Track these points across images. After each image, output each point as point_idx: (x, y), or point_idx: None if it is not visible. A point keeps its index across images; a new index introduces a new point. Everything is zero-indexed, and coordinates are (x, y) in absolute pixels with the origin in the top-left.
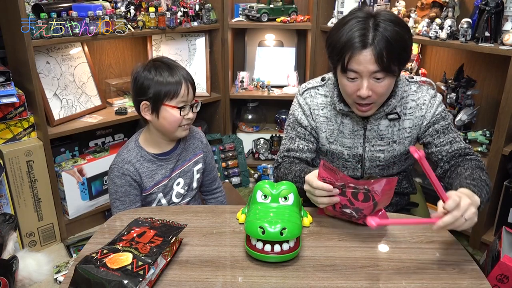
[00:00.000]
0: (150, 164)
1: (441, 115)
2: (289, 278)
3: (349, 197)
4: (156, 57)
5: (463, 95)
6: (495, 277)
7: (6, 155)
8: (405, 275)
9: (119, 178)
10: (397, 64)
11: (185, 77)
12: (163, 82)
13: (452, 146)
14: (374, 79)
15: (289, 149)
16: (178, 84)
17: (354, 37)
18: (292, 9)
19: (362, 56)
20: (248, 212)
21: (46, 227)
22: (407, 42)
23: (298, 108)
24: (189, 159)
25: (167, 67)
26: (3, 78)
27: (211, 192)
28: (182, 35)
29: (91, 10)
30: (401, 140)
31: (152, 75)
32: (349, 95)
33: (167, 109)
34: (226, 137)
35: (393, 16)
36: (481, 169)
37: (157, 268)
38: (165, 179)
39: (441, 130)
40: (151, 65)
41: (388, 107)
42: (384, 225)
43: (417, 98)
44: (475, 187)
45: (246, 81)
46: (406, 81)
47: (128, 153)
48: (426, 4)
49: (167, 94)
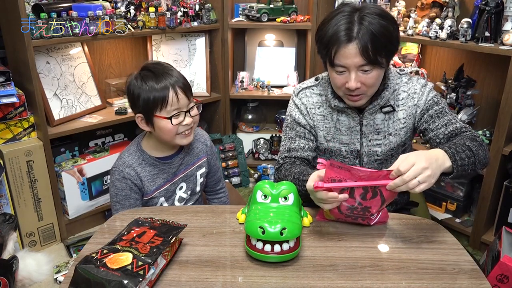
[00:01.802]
0: (151, 168)
1: (433, 100)
2: (289, 278)
3: (357, 199)
4: (146, 63)
5: (463, 95)
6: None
7: (6, 155)
8: (405, 275)
9: (119, 181)
10: (384, 56)
11: (172, 83)
12: (149, 94)
13: (447, 128)
14: (361, 71)
15: (289, 149)
16: (164, 93)
17: (339, 31)
18: (292, 9)
19: (348, 49)
20: (248, 212)
21: (46, 227)
22: (392, 34)
23: (295, 108)
24: (192, 163)
25: (152, 76)
26: (3, 78)
27: (214, 192)
28: (182, 35)
29: (91, 10)
30: (397, 131)
31: (139, 85)
32: (339, 87)
33: (159, 120)
34: (226, 137)
35: (378, 9)
36: (472, 139)
37: (157, 268)
38: (167, 183)
39: (435, 115)
40: (138, 75)
41: (382, 100)
42: (333, 188)
43: (408, 88)
44: (450, 149)
45: (246, 81)
46: (398, 74)
47: (130, 156)
48: (426, 4)
49: (155, 105)
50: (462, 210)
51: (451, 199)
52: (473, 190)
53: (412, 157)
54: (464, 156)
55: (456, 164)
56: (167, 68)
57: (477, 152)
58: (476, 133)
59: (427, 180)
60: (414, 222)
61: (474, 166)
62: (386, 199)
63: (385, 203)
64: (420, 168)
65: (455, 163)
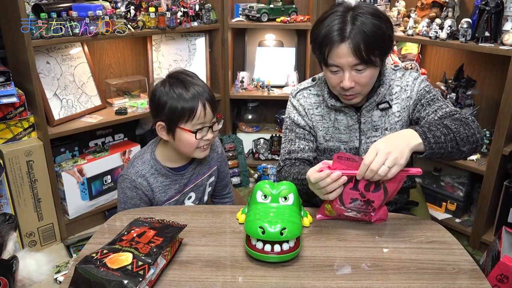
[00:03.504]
0: (164, 179)
1: (424, 89)
2: (289, 278)
3: (361, 190)
4: (173, 71)
5: (463, 95)
6: (495, 277)
7: (6, 155)
8: (405, 275)
9: (130, 190)
10: (377, 55)
11: (201, 97)
12: (177, 103)
13: (437, 113)
14: (355, 71)
15: (290, 151)
16: (193, 105)
17: (332, 31)
18: (292, 9)
19: (340, 49)
20: (248, 212)
21: (46, 227)
22: (385, 33)
23: (293, 110)
24: (203, 173)
25: (182, 86)
26: (3, 78)
27: (220, 196)
28: (182, 35)
29: (91, 10)
30: (392, 125)
31: (166, 91)
32: (334, 87)
33: (182, 132)
34: (226, 137)
35: (372, 9)
36: (455, 119)
37: (157, 268)
38: (178, 194)
39: (426, 103)
40: (167, 81)
41: (378, 96)
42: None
43: (401, 82)
44: (422, 127)
45: (246, 81)
46: (392, 70)
47: (143, 165)
48: (426, 4)
49: (181, 117)
50: (462, 210)
51: (451, 199)
52: (473, 190)
53: (375, 146)
54: (439, 134)
55: (428, 142)
56: (195, 77)
57: (456, 130)
58: (465, 115)
59: (396, 162)
60: (414, 222)
61: (455, 144)
62: (389, 192)
63: (387, 196)
64: (384, 154)
65: (426, 140)
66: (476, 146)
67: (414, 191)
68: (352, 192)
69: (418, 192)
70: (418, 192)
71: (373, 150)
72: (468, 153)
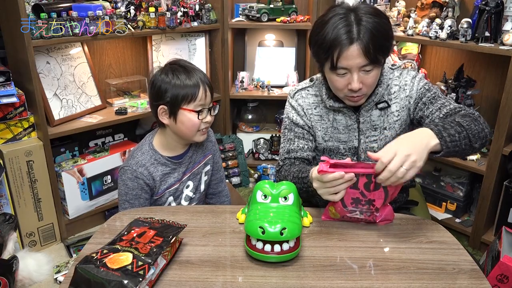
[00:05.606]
0: (164, 168)
1: (424, 88)
2: (289, 278)
3: (361, 189)
4: (173, 60)
5: (463, 95)
6: (495, 277)
7: (6, 155)
8: (405, 275)
9: (131, 180)
10: (382, 54)
11: (202, 80)
12: (180, 85)
13: (441, 111)
14: (363, 72)
15: (289, 151)
16: (195, 87)
17: (340, 34)
18: (292, 9)
19: (350, 51)
20: (248, 212)
21: (46, 227)
22: (388, 32)
23: (292, 110)
24: (199, 161)
25: (184, 70)
26: (3, 78)
27: (216, 195)
28: (182, 35)
29: (91, 10)
30: (391, 125)
31: (169, 79)
32: (340, 90)
33: (184, 113)
34: (226, 137)
35: (371, 8)
36: (464, 115)
37: (157, 268)
38: (177, 183)
39: (428, 101)
40: (168, 68)
41: (376, 96)
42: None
43: (400, 81)
44: (437, 126)
45: (246, 81)
46: (390, 70)
47: (143, 155)
48: (426, 4)
49: (184, 97)
50: (462, 210)
51: (451, 199)
52: (473, 190)
53: (393, 145)
54: (453, 132)
55: (444, 141)
56: (194, 66)
57: (468, 127)
58: (471, 110)
59: (414, 165)
60: (414, 222)
61: (468, 141)
62: (389, 193)
63: (389, 197)
64: (403, 156)
65: (443, 140)
66: (486, 141)
67: (414, 191)
68: (353, 191)
69: (418, 192)
70: (418, 192)
71: (390, 150)
72: (479, 149)
